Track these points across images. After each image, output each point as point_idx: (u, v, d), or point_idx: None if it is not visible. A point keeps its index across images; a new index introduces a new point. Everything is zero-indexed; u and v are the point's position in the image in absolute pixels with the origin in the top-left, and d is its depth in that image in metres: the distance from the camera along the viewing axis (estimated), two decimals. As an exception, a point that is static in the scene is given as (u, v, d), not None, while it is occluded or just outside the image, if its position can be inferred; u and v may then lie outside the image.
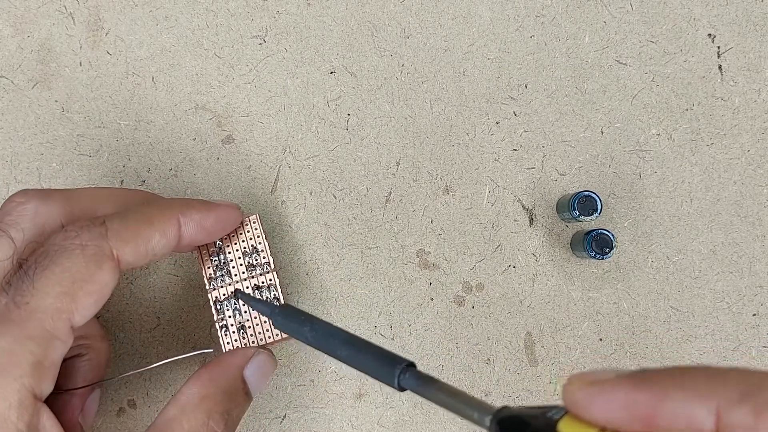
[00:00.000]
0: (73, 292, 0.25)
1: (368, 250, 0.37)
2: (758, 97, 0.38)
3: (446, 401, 0.22)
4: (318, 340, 0.27)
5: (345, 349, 0.26)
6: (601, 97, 0.38)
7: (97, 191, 0.31)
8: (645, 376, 0.18)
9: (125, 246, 0.27)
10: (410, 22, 0.38)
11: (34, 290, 0.25)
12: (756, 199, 0.38)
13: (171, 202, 0.30)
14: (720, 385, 0.17)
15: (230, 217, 0.31)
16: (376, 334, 0.37)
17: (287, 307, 0.30)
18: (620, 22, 0.38)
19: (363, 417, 0.36)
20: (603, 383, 0.18)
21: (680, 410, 0.17)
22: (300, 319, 0.28)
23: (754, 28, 0.38)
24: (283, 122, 0.38)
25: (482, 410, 0.21)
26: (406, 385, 0.24)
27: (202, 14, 0.38)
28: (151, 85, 0.38)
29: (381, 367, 0.25)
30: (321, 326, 0.28)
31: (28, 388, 0.24)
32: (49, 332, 0.25)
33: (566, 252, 0.37)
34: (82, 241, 0.26)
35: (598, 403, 0.18)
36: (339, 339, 0.27)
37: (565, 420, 0.19)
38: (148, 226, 0.28)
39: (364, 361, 0.25)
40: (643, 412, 0.18)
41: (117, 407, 0.36)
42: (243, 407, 0.30)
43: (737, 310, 0.37)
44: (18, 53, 0.38)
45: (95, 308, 0.26)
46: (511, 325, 0.37)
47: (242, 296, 0.32)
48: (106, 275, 0.26)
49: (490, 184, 0.38)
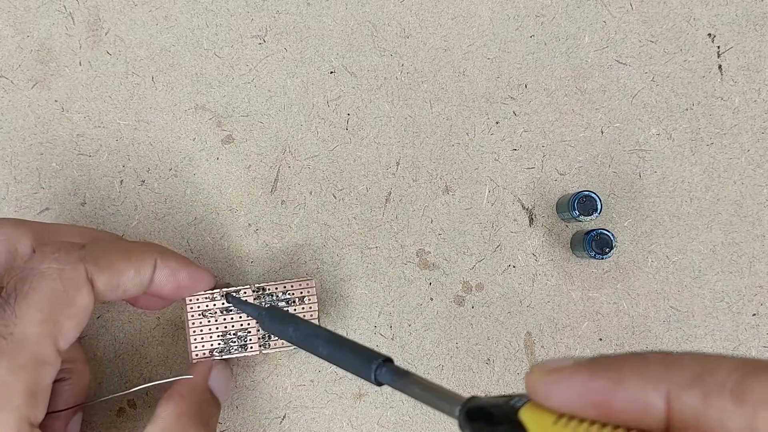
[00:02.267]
0: (54, 317, 0.26)
1: (368, 250, 0.37)
2: (758, 96, 0.38)
3: (420, 394, 0.23)
4: (301, 339, 0.29)
5: (326, 347, 0.27)
6: (600, 97, 0.38)
7: (69, 227, 0.32)
8: (601, 362, 0.18)
9: (101, 273, 0.27)
10: (410, 21, 0.38)
11: (16, 319, 0.25)
12: (756, 199, 0.38)
13: (152, 245, 0.31)
14: (673, 370, 0.17)
15: (203, 279, 0.32)
16: (376, 334, 0.37)
17: (273, 309, 0.31)
18: (620, 22, 0.38)
19: (363, 417, 0.36)
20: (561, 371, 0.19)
21: (633, 396, 0.17)
22: (285, 321, 0.30)
23: (754, 28, 0.38)
24: (283, 122, 0.38)
25: (452, 401, 0.21)
26: (382, 379, 0.25)
27: (202, 14, 0.38)
28: (150, 84, 0.38)
29: (359, 363, 0.26)
30: (303, 326, 0.29)
31: (25, 417, 0.25)
32: (37, 359, 0.25)
33: (566, 252, 0.37)
34: (59, 264, 0.27)
35: (556, 390, 0.18)
36: (320, 338, 0.28)
37: (526, 408, 0.19)
38: (126, 260, 0.29)
39: (344, 358, 0.26)
40: (598, 398, 0.18)
41: (117, 407, 0.36)
42: (216, 414, 0.32)
43: (737, 310, 0.37)
44: (18, 53, 0.38)
45: (77, 331, 0.27)
46: (511, 325, 0.37)
47: (232, 300, 0.33)
48: (85, 298, 0.27)
49: (490, 184, 0.38)
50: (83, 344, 0.36)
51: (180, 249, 0.37)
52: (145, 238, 0.37)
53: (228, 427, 0.36)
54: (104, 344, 0.36)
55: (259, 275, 0.37)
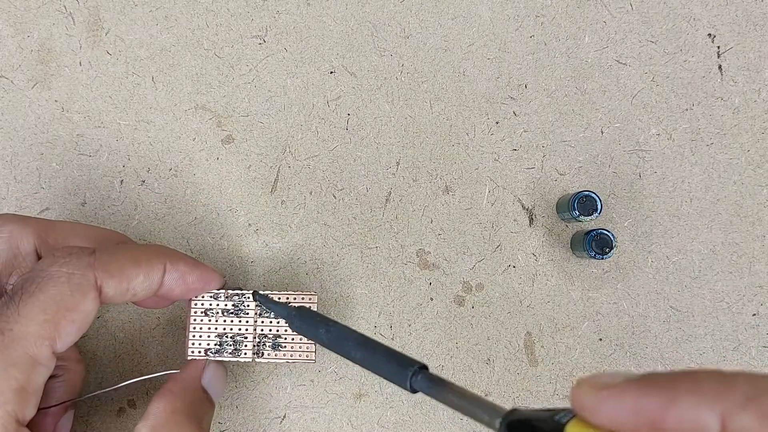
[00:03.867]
0: (56, 319, 0.26)
1: (368, 250, 0.37)
2: (758, 96, 0.38)
3: (457, 403, 0.22)
4: (333, 342, 0.28)
5: (359, 351, 0.27)
6: (600, 97, 0.38)
7: (74, 225, 0.32)
8: (653, 379, 0.18)
9: (110, 279, 0.27)
10: (410, 21, 0.38)
11: (18, 317, 0.25)
12: (756, 199, 0.38)
13: (161, 248, 0.31)
14: (726, 389, 0.17)
15: (212, 279, 0.32)
16: (376, 334, 0.37)
17: (303, 310, 0.30)
18: (620, 22, 0.38)
19: (363, 417, 0.36)
20: (611, 387, 0.18)
21: (687, 414, 0.17)
22: (315, 321, 0.29)
23: (754, 28, 0.38)
24: (283, 122, 0.38)
25: (492, 413, 0.21)
26: (418, 387, 0.24)
27: (202, 14, 0.38)
28: (150, 84, 0.38)
29: (394, 369, 0.25)
30: (335, 328, 0.28)
31: (12, 414, 0.25)
32: (32, 358, 0.25)
33: (566, 252, 0.37)
34: (69, 268, 0.27)
35: (606, 407, 0.18)
36: (353, 341, 0.27)
37: (573, 423, 0.19)
38: (136, 265, 0.29)
39: (378, 363, 0.26)
40: (651, 416, 0.18)
41: (117, 407, 0.36)
42: (210, 413, 0.32)
43: (737, 310, 0.37)
44: (18, 53, 0.38)
45: (77, 335, 0.27)
46: (511, 325, 0.37)
47: (260, 298, 0.32)
48: (90, 304, 0.27)
49: (490, 184, 0.38)
50: (82, 343, 0.36)
51: (180, 249, 0.37)
52: (145, 238, 0.37)
53: (228, 427, 0.36)
54: (104, 344, 0.36)
55: (259, 275, 0.37)
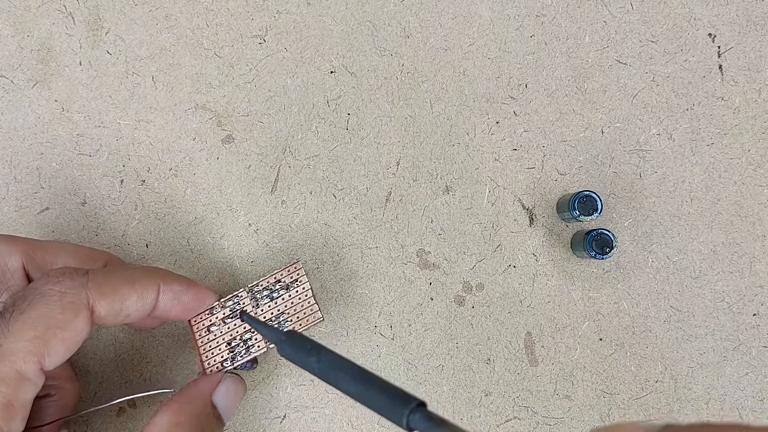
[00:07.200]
0: (46, 337, 0.26)
1: (368, 250, 0.37)
2: (758, 96, 0.38)
3: None
4: (324, 372, 0.26)
5: (352, 384, 0.25)
6: (601, 97, 0.38)
7: (62, 245, 0.32)
8: None
9: (102, 299, 0.28)
10: (410, 21, 0.38)
11: (8, 333, 0.26)
12: (756, 199, 0.38)
13: (155, 269, 0.31)
14: None
15: (207, 297, 0.32)
16: (376, 334, 0.37)
17: (294, 335, 0.28)
18: (620, 22, 0.38)
19: (363, 417, 0.36)
20: None
21: None
22: (306, 348, 0.27)
23: (754, 28, 0.38)
24: (283, 122, 0.38)
25: None
26: (415, 426, 0.23)
27: (202, 14, 0.38)
28: (150, 84, 0.38)
29: (389, 405, 0.24)
30: (328, 357, 0.27)
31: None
32: (19, 374, 0.26)
33: (566, 252, 0.37)
34: (61, 287, 0.27)
35: None
36: (346, 372, 0.26)
37: None
38: (129, 286, 0.29)
39: (372, 397, 0.24)
40: None
41: (117, 407, 0.36)
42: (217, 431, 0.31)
43: (737, 310, 0.37)
44: (18, 53, 0.38)
45: (67, 354, 0.27)
46: (511, 325, 0.37)
47: (248, 320, 0.31)
48: (81, 323, 0.27)
49: (490, 184, 0.38)
50: (82, 344, 0.36)
51: (180, 249, 0.37)
52: (145, 238, 0.37)
53: (228, 427, 0.36)
54: (104, 344, 0.36)
55: (259, 275, 0.37)
